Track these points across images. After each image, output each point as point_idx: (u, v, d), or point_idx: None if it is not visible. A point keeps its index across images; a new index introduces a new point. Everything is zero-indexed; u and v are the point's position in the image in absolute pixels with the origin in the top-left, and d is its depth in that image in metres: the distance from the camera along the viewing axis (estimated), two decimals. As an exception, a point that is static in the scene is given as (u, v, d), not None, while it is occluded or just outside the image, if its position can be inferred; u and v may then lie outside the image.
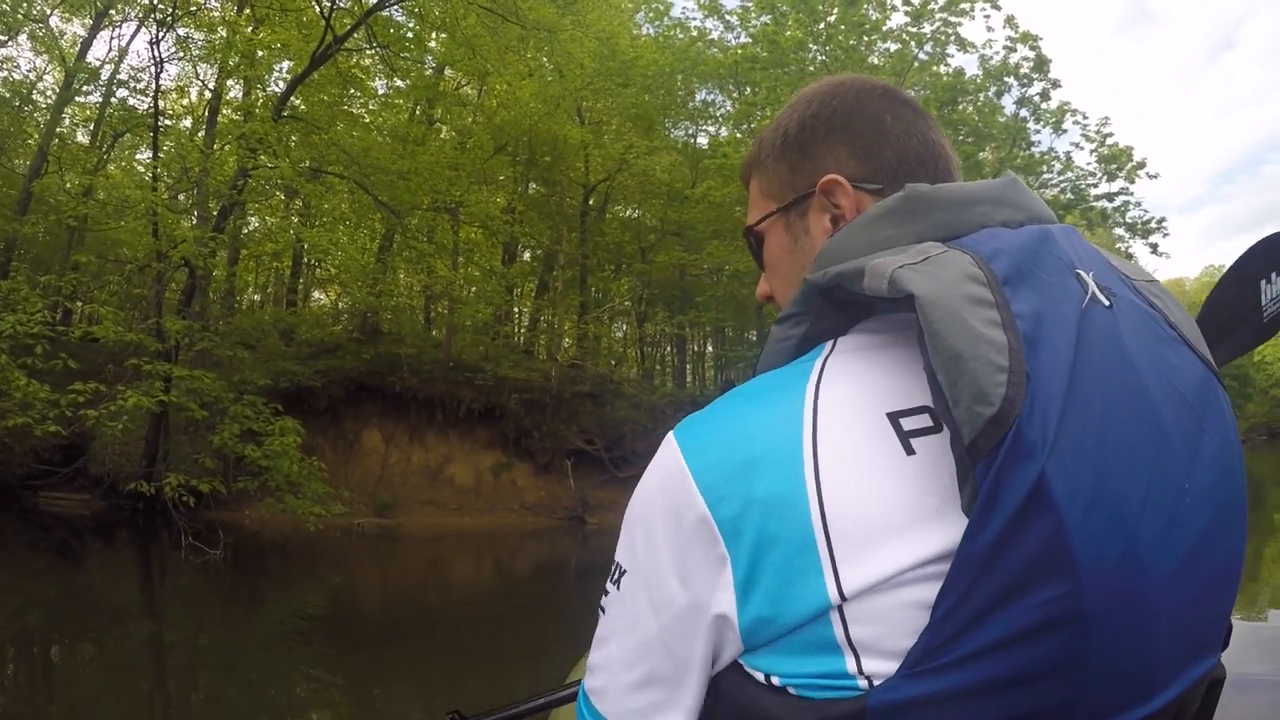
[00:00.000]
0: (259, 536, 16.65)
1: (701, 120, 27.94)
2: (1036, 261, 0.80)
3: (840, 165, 0.98)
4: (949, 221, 0.87)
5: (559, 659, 9.37)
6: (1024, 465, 0.67)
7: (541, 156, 23.30)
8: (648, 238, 26.85)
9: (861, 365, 0.83)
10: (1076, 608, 0.67)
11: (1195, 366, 0.84)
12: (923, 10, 18.62)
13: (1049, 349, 0.72)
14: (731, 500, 0.76)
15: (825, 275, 0.84)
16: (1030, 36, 18.05)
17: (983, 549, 0.68)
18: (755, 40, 18.90)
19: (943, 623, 0.69)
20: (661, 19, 26.16)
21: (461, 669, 9.12)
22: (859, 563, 0.72)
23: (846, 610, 0.72)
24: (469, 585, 15.20)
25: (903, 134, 0.97)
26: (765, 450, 0.77)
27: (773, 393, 0.83)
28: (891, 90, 1.01)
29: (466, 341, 24.21)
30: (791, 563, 0.73)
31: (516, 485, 22.07)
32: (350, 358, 21.14)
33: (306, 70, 16.40)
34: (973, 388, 0.69)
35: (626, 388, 25.21)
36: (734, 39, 22.80)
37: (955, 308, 0.73)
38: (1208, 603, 0.79)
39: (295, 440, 14.79)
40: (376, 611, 12.93)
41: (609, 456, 22.72)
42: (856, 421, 0.78)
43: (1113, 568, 0.69)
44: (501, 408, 21.96)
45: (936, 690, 0.69)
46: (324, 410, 20.33)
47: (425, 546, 18.70)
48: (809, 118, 1.02)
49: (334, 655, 9.77)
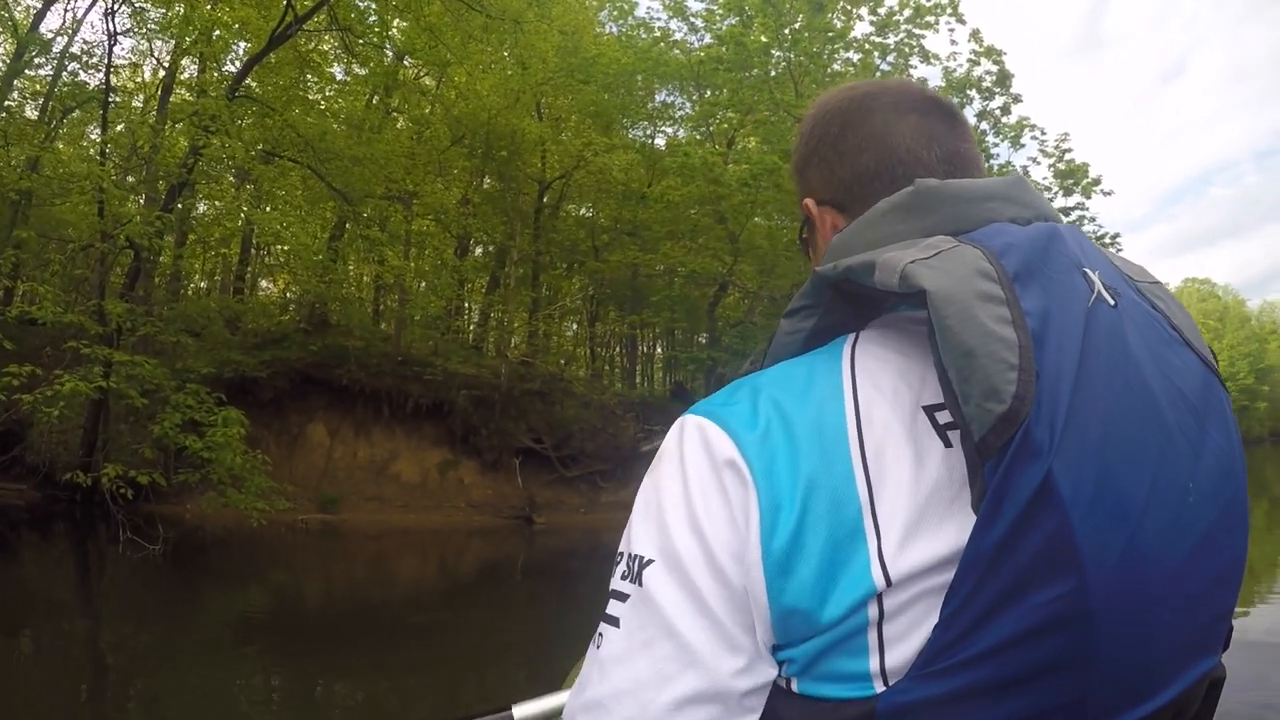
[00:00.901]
0: (200, 531, 16.21)
1: (660, 121, 27.98)
2: (1045, 259, 0.80)
3: (815, 188, 1.04)
4: (959, 216, 0.87)
5: (503, 659, 9.35)
6: (1032, 464, 0.68)
7: (498, 151, 23.04)
8: (601, 237, 26.73)
9: (891, 356, 0.84)
10: (1082, 605, 0.68)
11: (1197, 367, 0.85)
12: (888, 21, 18.74)
13: (1056, 347, 0.73)
14: (778, 480, 0.75)
15: (835, 269, 0.85)
16: (994, 51, 18.29)
17: (989, 548, 0.68)
18: (721, 41, 18.82)
19: (950, 622, 0.70)
20: (625, 18, 26.10)
21: (405, 668, 8.95)
22: (905, 548, 0.72)
23: (886, 599, 0.72)
24: (413, 584, 14.94)
25: (857, 150, 0.99)
26: (809, 431, 0.77)
27: (807, 376, 0.83)
28: (868, 95, 1.03)
29: (416, 336, 23.88)
30: (838, 547, 0.73)
31: (463, 483, 21.76)
32: (297, 349, 20.67)
33: (265, 49, 16.02)
34: (984, 385, 0.70)
35: (576, 387, 25.04)
36: (697, 41, 22.85)
37: (967, 304, 0.73)
38: (1209, 602, 0.79)
39: (239, 432, 14.36)
40: (320, 610, 12.66)
41: (557, 456, 22.58)
42: (897, 410, 0.79)
43: (1116, 565, 0.69)
44: (449, 404, 21.65)
45: (945, 692, 0.69)
46: (268, 402, 19.84)
47: (369, 544, 18.36)
48: (799, 145, 1.08)
49: (276, 655, 9.59)
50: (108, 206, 14.67)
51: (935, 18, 18.61)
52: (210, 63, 17.71)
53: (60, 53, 17.00)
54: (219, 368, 17.41)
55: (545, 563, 17.66)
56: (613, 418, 23.85)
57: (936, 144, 0.99)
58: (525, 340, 26.41)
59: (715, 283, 25.33)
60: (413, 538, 18.98)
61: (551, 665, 8.90)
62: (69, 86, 16.71)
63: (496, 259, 27.07)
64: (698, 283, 25.96)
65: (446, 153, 21.09)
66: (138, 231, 14.38)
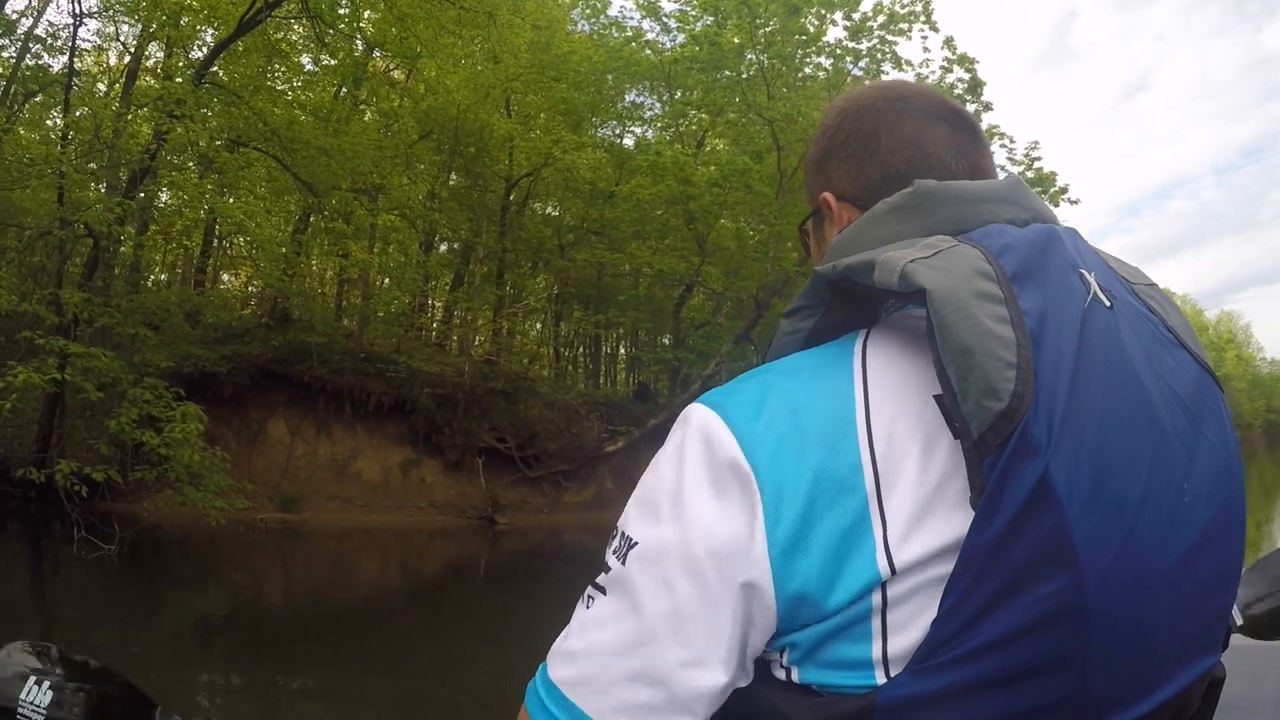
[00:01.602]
0: (157, 531, 15.80)
1: (629, 121, 27.91)
2: (1043, 260, 0.81)
3: (837, 184, 1.04)
4: (957, 217, 0.88)
5: (467, 660, 9.29)
6: (1029, 461, 0.69)
7: (466, 147, 22.82)
8: (567, 236, 26.62)
9: (902, 350, 0.84)
10: (1078, 602, 0.69)
11: (1192, 368, 0.86)
12: (861, 26, 18.76)
13: (1053, 346, 0.74)
14: (782, 469, 0.76)
15: (834, 268, 0.86)
16: (967, 59, 18.38)
17: (987, 544, 0.69)
18: (696, 40, 18.74)
19: (948, 617, 0.71)
20: (598, 17, 25.99)
21: (367, 670, 8.86)
22: (910, 538, 0.74)
23: (890, 588, 0.74)
24: (375, 585, 14.80)
25: (890, 150, 1.00)
26: (817, 421, 0.78)
27: (817, 368, 0.85)
28: (900, 99, 1.03)
29: (379, 332, 23.54)
30: (845, 535, 0.74)
31: (425, 483, 21.46)
32: (258, 344, 20.27)
33: (234, 34, 15.63)
34: (982, 383, 0.71)
35: (540, 386, 24.86)
36: (669, 41, 22.80)
37: (965, 302, 0.74)
38: (1207, 600, 0.80)
39: (197, 428, 13.90)
40: (280, 612, 12.50)
41: (521, 456, 22.36)
42: (908, 401, 0.80)
43: (1113, 562, 0.70)
44: (412, 402, 21.34)
45: (943, 686, 0.71)
46: (228, 398, 19.35)
47: (330, 544, 18.11)
48: (821, 137, 1.08)
49: (236, 657, 9.45)
50: (68, 193, 14.24)
51: (909, 25, 18.70)
52: (177, 48, 17.30)
53: (25, 34, 16.54)
54: (178, 362, 17.01)
55: (508, 564, 17.60)
56: (576, 418, 23.73)
57: (964, 156, 1.00)
58: (489, 339, 26.17)
59: (681, 284, 25.32)
60: (374, 538, 18.72)
61: (514, 666, 9.06)
62: (31, 70, 16.27)
63: (461, 256, 26.82)
64: (664, 283, 25.94)
65: (414, 147, 20.83)
66: (97, 218, 13.96)
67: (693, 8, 19.88)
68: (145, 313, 17.51)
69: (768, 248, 21.43)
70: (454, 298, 25.45)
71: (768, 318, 23.15)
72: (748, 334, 22.64)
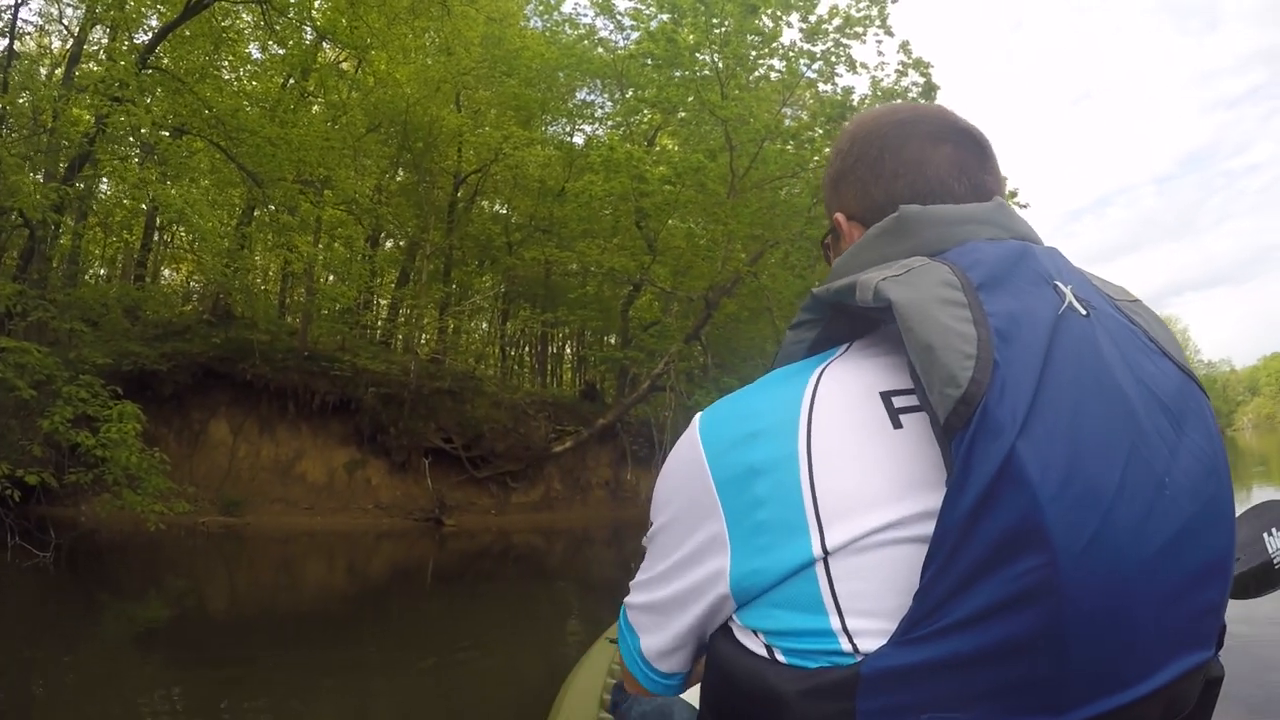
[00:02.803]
0: (95, 536, 15.20)
1: (579, 120, 27.73)
2: (1014, 271, 0.87)
3: (847, 203, 1.10)
4: (937, 238, 0.94)
5: (415, 665, 9.14)
6: (993, 441, 0.74)
7: (415, 142, 22.44)
8: (515, 234, 26.37)
9: (866, 357, 0.92)
10: (1052, 579, 0.72)
11: (1173, 374, 0.89)
12: (817, 29, 18.73)
13: (1021, 343, 0.79)
14: (732, 467, 0.88)
15: (828, 290, 0.94)
16: (922, 63, 18.43)
17: (960, 518, 0.74)
18: (652, 37, 18.59)
19: (928, 589, 0.75)
20: (551, 13, 25.70)
21: (315, 678, 8.58)
22: (843, 520, 0.80)
23: (831, 565, 0.80)
24: (322, 590, 14.35)
25: (893, 175, 1.04)
26: (766, 425, 0.88)
27: (783, 380, 0.94)
28: (907, 122, 1.07)
29: (323, 330, 22.98)
30: (780, 520, 0.83)
31: (371, 484, 21.09)
32: (199, 341, 19.64)
33: (181, 16, 15.14)
34: (943, 373, 0.77)
35: (487, 385, 24.54)
36: (622, 40, 22.65)
37: (927, 308, 0.81)
38: (1191, 595, 0.81)
39: (135, 427, 13.33)
40: (225, 619, 12.02)
41: (467, 456, 22.11)
42: (849, 398, 0.87)
43: (1087, 546, 0.73)
44: (357, 401, 20.93)
45: (925, 659, 0.74)
46: (169, 397, 18.76)
47: (275, 548, 17.60)
48: (837, 155, 1.12)
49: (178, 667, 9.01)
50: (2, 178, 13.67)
51: (864, 28, 18.71)
52: (122, 31, 16.68)
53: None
54: (116, 359, 16.34)
55: (457, 566, 17.30)
56: (524, 417, 23.49)
57: (966, 176, 1.04)
58: (435, 337, 25.79)
59: (629, 283, 25.20)
60: (320, 541, 18.29)
61: (465, 670, 8.99)
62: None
63: (408, 253, 26.41)
64: (613, 281, 25.79)
65: (362, 140, 20.43)
66: (32, 204, 13.39)
67: (648, 6, 19.70)
68: (83, 307, 16.88)
69: (719, 247, 21.37)
70: (400, 295, 25.10)
71: (717, 318, 23.13)
72: (697, 334, 22.57)
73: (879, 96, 18.81)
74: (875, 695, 0.76)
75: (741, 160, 19.86)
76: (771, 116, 20.16)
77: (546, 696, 4.51)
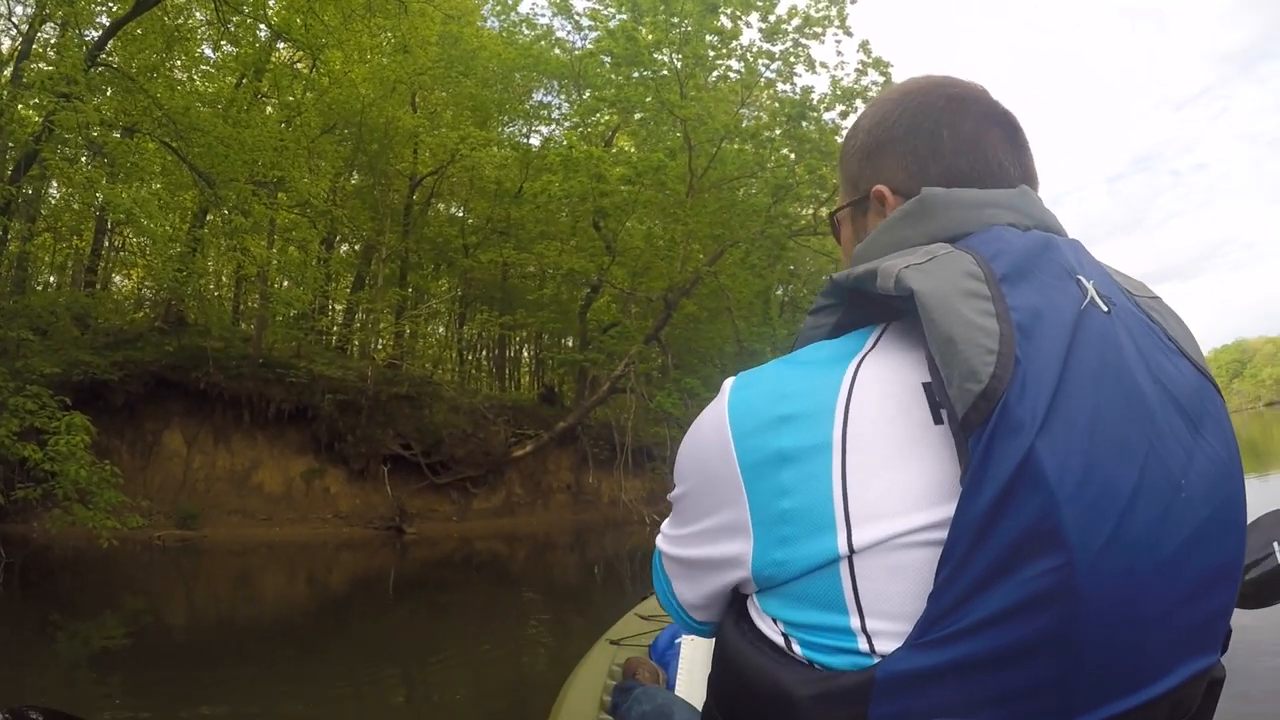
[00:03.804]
0: (49, 553, 14.72)
1: (535, 121, 27.59)
2: (1038, 264, 0.84)
3: (891, 177, 1.02)
4: (959, 221, 0.91)
5: (380, 677, 9.03)
6: (1012, 439, 0.72)
7: (370, 144, 22.12)
8: (471, 237, 26.15)
9: (904, 347, 0.87)
10: (1069, 582, 0.71)
11: (1191, 375, 0.87)
12: (776, 28, 18.74)
13: (1043, 338, 0.77)
14: (759, 450, 0.84)
15: (849, 276, 0.91)
16: (882, 63, 18.48)
17: (975, 518, 0.72)
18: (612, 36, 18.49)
19: (943, 592, 0.74)
20: (509, 14, 25.55)
21: (278, 694, 8.33)
22: (874, 520, 0.78)
23: (856, 564, 0.78)
24: (283, 603, 14.05)
25: (954, 152, 0.99)
26: (800, 409, 0.84)
27: (821, 363, 0.89)
28: (960, 98, 1.02)
29: (278, 336, 22.50)
30: (806, 512, 0.80)
31: (330, 493, 20.68)
32: (151, 349, 19.06)
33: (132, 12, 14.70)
34: (963, 367, 0.75)
35: (445, 390, 24.27)
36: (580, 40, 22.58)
37: (949, 299, 0.79)
38: (1203, 598, 0.80)
39: (84, 439, 12.84)
40: (182, 635, 11.64)
41: (427, 462, 21.85)
42: (889, 388, 0.83)
43: (1103, 548, 0.72)
44: (314, 408, 20.50)
45: (940, 663, 0.73)
46: (121, 407, 18.23)
47: (233, 560, 17.20)
48: (875, 126, 1.06)
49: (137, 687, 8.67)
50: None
51: (823, 28, 18.78)
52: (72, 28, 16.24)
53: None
54: (66, 369, 15.76)
55: (419, 574, 17.08)
56: (483, 422, 23.25)
57: (1018, 162, 1.01)
58: (392, 342, 25.46)
59: (588, 284, 25.10)
60: (278, 553, 17.88)
61: (429, 679, 8.91)
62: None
63: (363, 257, 26.03)
64: (571, 283, 25.66)
65: (317, 141, 20.07)
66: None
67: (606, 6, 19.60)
68: (31, 315, 16.33)
69: (678, 247, 21.34)
70: (356, 299, 24.71)
71: (676, 318, 23.07)
72: (656, 334, 22.48)
73: (838, 96, 18.89)
74: (889, 700, 0.75)
75: (700, 160, 19.87)
76: (730, 117, 20.19)
77: (529, 702, 4.40)
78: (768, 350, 21.56)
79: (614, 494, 23.81)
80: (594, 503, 24.80)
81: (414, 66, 20.13)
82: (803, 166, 19.08)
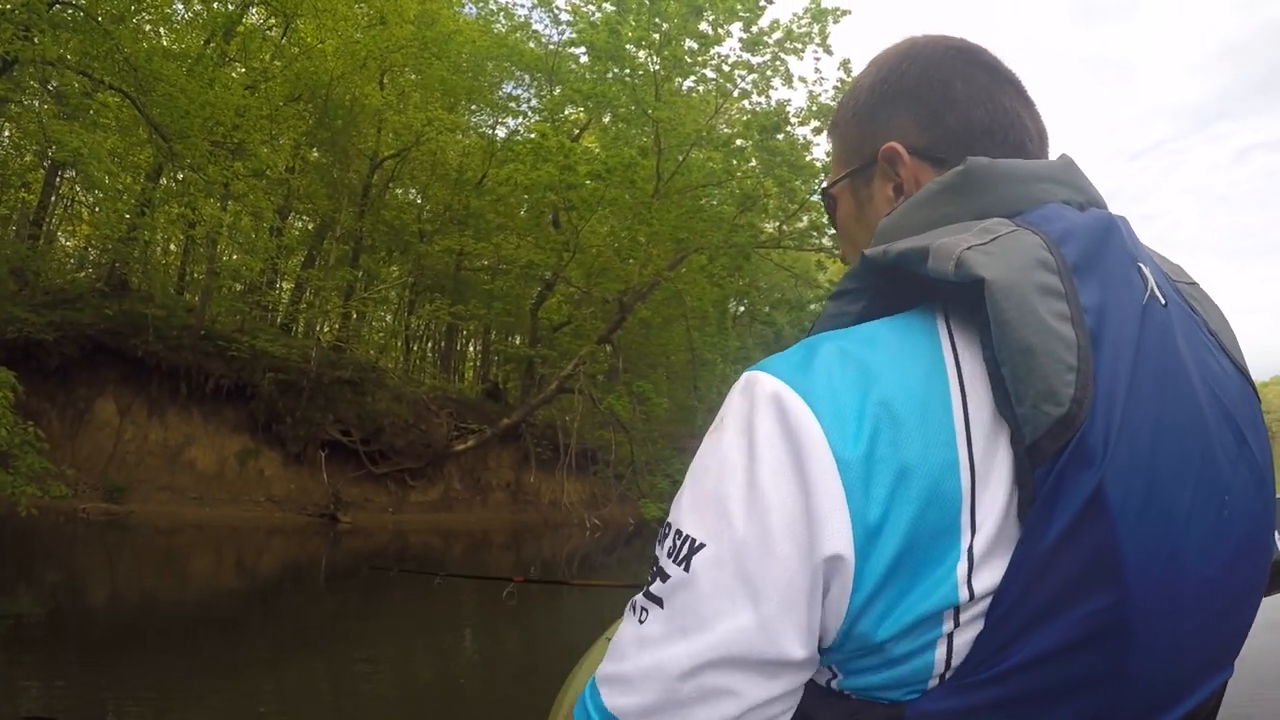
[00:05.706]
0: (-36, 521, 14.26)
1: (503, 114, 27.39)
2: (1103, 250, 0.76)
3: (903, 133, 0.93)
4: (1012, 197, 0.82)
5: (304, 666, 8.88)
6: (1084, 472, 0.65)
7: (334, 119, 21.65)
8: (428, 224, 25.84)
9: (967, 336, 0.75)
10: (1123, 619, 0.66)
11: (1234, 375, 0.82)
12: (758, 40, 18.67)
13: (1112, 347, 0.69)
14: (875, 461, 0.67)
15: (886, 254, 0.78)
16: (861, 80, 18.45)
17: (1037, 558, 0.65)
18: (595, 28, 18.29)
19: (992, 632, 0.66)
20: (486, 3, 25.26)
21: (199, 679, 8.22)
22: (992, 556, 0.66)
23: (963, 611, 0.67)
24: (209, 586, 13.68)
25: (970, 101, 0.91)
26: (909, 407, 0.69)
27: (901, 342, 0.74)
28: (969, 51, 0.95)
29: (222, 308, 21.94)
30: (928, 546, 0.67)
31: (264, 475, 20.14)
32: (91, 312, 18.37)
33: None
34: (1041, 385, 0.66)
35: (389, 378, 23.89)
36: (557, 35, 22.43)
37: (1026, 297, 0.69)
38: (1234, 615, 0.77)
39: (7, 396, 12.23)
40: (103, 614, 11.36)
41: (366, 450, 21.45)
42: (988, 396, 0.71)
43: (1157, 578, 0.67)
44: (253, 386, 19.99)
45: (976, 703, 0.67)
46: (54, 370, 17.52)
47: (160, 539, 16.67)
48: (879, 82, 0.96)
49: (53, 666, 8.54)
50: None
51: (804, 44, 18.83)
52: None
53: None
54: (-1, 324, 15.38)
55: (350, 565, 16.69)
56: (426, 413, 22.93)
57: (1032, 116, 0.93)
58: (339, 324, 24.93)
59: (541, 281, 24.93)
60: (208, 534, 17.42)
61: (353, 673, 8.93)
62: None
63: (316, 235, 25.45)
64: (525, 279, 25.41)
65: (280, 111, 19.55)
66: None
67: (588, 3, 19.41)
68: (-34, 269, 15.72)
69: (639, 249, 21.21)
70: (305, 277, 24.21)
71: (630, 322, 22.95)
72: (609, 336, 22.29)
73: (813, 112, 18.88)
74: None
75: (668, 164, 19.75)
76: (702, 124, 20.17)
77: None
78: (719, 361, 21.47)
79: (555, 495, 23.66)
80: (534, 503, 24.57)
81: (387, 43, 19.74)
82: (771, 180, 19.02)
